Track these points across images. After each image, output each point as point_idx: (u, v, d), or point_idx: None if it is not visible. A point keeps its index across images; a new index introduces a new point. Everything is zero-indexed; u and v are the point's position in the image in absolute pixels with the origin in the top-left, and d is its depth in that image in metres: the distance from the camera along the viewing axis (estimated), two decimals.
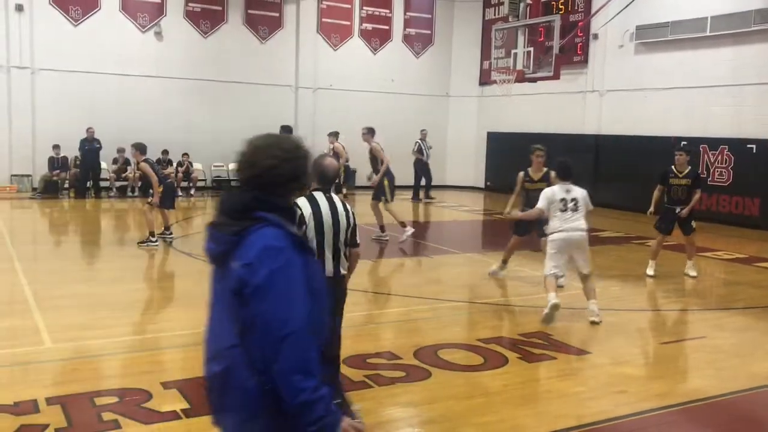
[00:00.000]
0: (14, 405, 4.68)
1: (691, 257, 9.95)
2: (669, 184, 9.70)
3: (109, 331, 6.54)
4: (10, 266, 9.38)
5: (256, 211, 2.26)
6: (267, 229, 2.23)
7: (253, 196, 2.29)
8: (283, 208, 2.32)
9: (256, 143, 2.40)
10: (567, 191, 7.43)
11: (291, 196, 2.40)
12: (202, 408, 4.74)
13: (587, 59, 19.50)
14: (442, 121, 23.64)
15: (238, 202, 2.31)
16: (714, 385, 5.58)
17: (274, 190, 2.31)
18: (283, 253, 2.20)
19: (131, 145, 11.70)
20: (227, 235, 2.28)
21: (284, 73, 21.06)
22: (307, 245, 2.35)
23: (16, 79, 17.79)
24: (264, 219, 2.25)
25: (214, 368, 2.32)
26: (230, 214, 2.31)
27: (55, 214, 15.89)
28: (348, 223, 4.38)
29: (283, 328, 2.12)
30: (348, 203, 4.55)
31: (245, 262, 2.19)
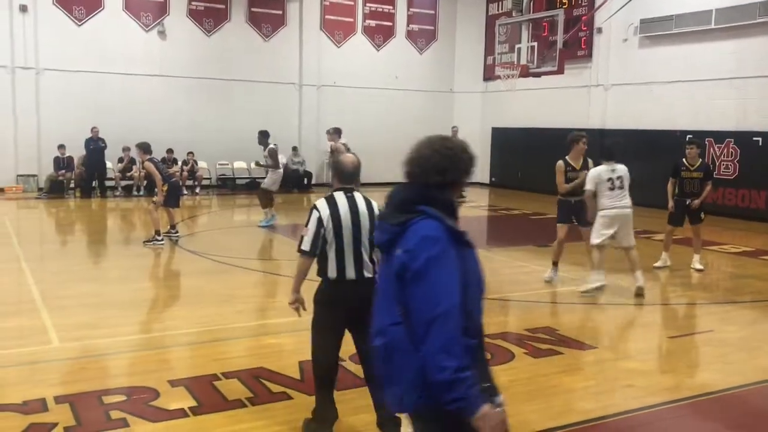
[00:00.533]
0: (23, 404, 4.71)
1: (698, 250, 9.95)
2: (681, 177, 9.74)
3: (115, 330, 6.57)
4: (18, 266, 9.41)
5: (419, 205, 2.51)
6: (426, 221, 2.48)
7: (416, 191, 2.56)
8: (443, 202, 2.55)
9: (421, 142, 2.65)
10: (612, 170, 8.07)
11: (451, 192, 2.59)
12: (210, 405, 4.77)
13: (591, 53, 19.43)
14: (446, 117, 23.58)
15: (403, 196, 2.59)
16: (722, 379, 5.57)
17: (435, 186, 2.54)
18: (440, 243, 2.43)
19: (136, 145, 11.72)
20: (392, 225, 2.54)
21: (288, 70, 21.06)
22: (464, 238, 2.53)
23: (21, 79, 17.85)
24: (424, 212, 2.49)
25: (377, 342, 2.58)
26: (396, 206, 2.58)
27: (61, 214, 15.94)
28: (372, 224, 4.13)
29: (432, 310, 2.34)
30: (375, 203, 4.22)
31: (406, 248, 2.45)
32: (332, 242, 4.08)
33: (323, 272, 4.15)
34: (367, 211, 4.17)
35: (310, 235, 4.10)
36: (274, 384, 5.19)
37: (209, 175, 20.05)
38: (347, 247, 4.09)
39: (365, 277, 4.15)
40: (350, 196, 4.19)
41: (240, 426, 4.47)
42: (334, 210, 4.11)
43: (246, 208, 17.78)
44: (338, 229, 4.08)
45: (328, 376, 4.30)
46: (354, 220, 4.12)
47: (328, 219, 4.09)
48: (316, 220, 4.09)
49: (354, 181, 4.27)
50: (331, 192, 4.25)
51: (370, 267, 4.17)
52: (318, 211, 4.12)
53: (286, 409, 4.77)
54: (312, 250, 4.11)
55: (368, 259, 4.17)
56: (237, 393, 4.99)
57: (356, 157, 4.34)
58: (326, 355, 4.25)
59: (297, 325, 7.09)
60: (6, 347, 6.03)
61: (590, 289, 8.10)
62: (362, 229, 4.12)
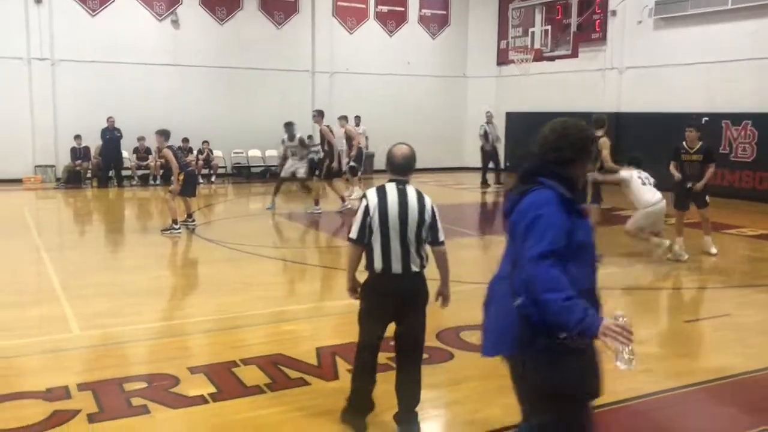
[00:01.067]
0: (47, 391, 4.79)
1: (708, 233, 9.85)
2: (681, 160, 9.64)
3: (135, 318, 6.65)
4: (37, 256, 9.54)
5: (539, 177, 2.86)
6: (541, 190, 2.82)
7: (537, 165, 2.91)
8: (562, 176, 2.86)
9: (549, 124, 2.98)
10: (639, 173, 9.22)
11: (573, 169, 2.90)
12: (229, 392, 4.83)
13: (606, 36, 19.22)
14: (459, 102, 23.51)
15: (524, 169, 2.97)
16: (740, 363, 5.55)
17: (553, 162, 2.87)
18: (547, 206, 2.75)
19: (155, 132, 11.79)
20: (515, 195, 2.91)
21: (301, 58, 21.05)
22: (576, 207, 2.85)
23: (37, 71, 17.98)
24: (542, 183, 2.84)
25: (490, 292, 3.06)
26: (520, 178, 2.96)
27: (79, 204, 16.10)
28: (421, 219, 4.04)
29: (533, 254, 2.65)
30: (428, 199, 4.16)
31: (519, 210, 2.83)
32: (377, 233, 4.02)
33: (370, 264, 4.11)
34: (417, 206, 4.06)
35: (357, 223, 4.07)
36: (292, 370, 5.24)
37: (224, 163, 20.13)
38: (393, 239, 4.01)
39: (412, 272, 4.07)
40: (401, 188, 4.09)
41: (259, 412, 4.53)
42: (382, 201, 4.04)
43: (261, 196, 17.84)
44: (384, 219, 4.01)
45: (370, 365, 4.25)
46: (401, 214, 4.02)
47: (375, 209, 4.03)
48: (364, 208, 4.07)
49: (406, 173, 4.17)
50: (388, 182, 4.18)
51: (417, 261, 4.08)
52: (367, 199, 4.09)
53: (305, 395, 4.82)
54: (359, 237, 4.06)
55: (416, 253, 4.07)
56: (255, 379, 5.05)
57: (409, 147, 4.21)
58: (370, 345, 4.22)
59: (313, 312, 7.18)
60: (28, 336, 6.13)
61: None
62: (409, 222, 4.03)
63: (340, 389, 4.75)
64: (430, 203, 4.15)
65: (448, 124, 22.84)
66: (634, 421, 4.60)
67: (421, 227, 4.07)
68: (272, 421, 4.40)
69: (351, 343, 5.72)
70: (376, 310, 4.15)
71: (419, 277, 4.12)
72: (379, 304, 4.13)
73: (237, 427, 4.31)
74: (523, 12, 17.70)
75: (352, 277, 4.30)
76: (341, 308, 7.19)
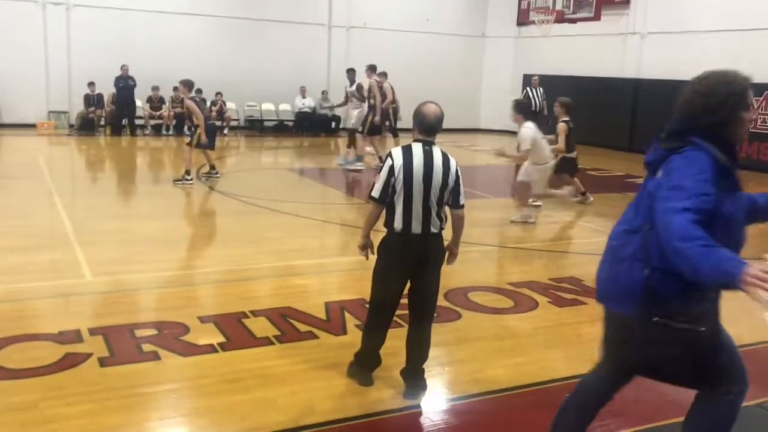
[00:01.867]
0: (59, 334, 4.86)
1: None
2: None
3: (146, 266, 6.71)
4: (50, 201, 9.60)
5: (690, 136, 2.63)
6: (691, 151, 2.59)
7: (687, 123, 2.68)
8: (716, 137, 2.62)
9: (689, 84, 2.75)
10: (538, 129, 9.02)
11: (731, 129, 2.65)
12: (238, 342, 4.89)
13: (629, 0, 18.82)
14: (477, 63, 23.22)
15: (676, 125, 2.72)
16: (748, 334, 5.54)
17: (707, 121, 2.63)
18: (698, 166, 2.54)
19: (180, 82, 11.79)
20: (663, 149, 2.71)
21: (318, 11, 20.76)
22: (731, 173, 2.64)
23: (51, 15, 17.84)
24: (693, 143, 2.61)
25: (612, 242, 2.86)
26: (670, 133, 2.72)
27: (92, 151, 16.13)
28: (445, 182, 4.00)
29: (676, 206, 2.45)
30: (453, 161, 4.10)
31: (667, 169, 2.62)
32: (400, 193, 3.98)
33: (390, 223, 4.07)
34: (442, 168, 4.01)
35: (381, 182, 4.02)
36: (301, 323, 5.29)
37: (237, 116, 20.05)
38: (416, 200, 3.98)
39: (431, 232, 4.06)
40: (428, 150, 4.03)
41: (268, 362, 4.59)
42: (407, 161, 3.98)
43: (273, 150, 17.83)
44: (408, 181, 3.96)
45: (385, 322, 4.27)
46: (426, 175, 3.97)
47: (400, 169, 3.97)
48: (388, 168, 4.00)
49: (434, 133, 4.10)
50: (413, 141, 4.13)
51: (437, 223, 4.07)
52: (392, 159, 4.01)
53: (313, 348, 4.87)
54: (381, 197, 4.03)
55: (436, 215, 4.05)
56: (265, 331, 5.10)
57: (438, 106, 4.15)
58: (385, 303, 4.21)
59: (323, 267, 7.23)
60: (41, 279, 6.20)
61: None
62: (433, 185, 3.99)
63: (348, 344, 4.80)
64: (455, 166, 4.09)
65: (464, 85, 22.59)
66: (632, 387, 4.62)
67: (444, 191, 4.03)
68: (280, 371, 4.46)
69: (359, 299, 5.80)
70: (394, 269, 4.13)
71: (438, 237, 4.12)
72: (396, 263, 4.10)
73: (246, 376, 4.37)
74: None
75: (367, 235, 4.29)
76: (351, 264, 7.23)
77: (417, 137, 4.12)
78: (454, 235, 4.30)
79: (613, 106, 18.85)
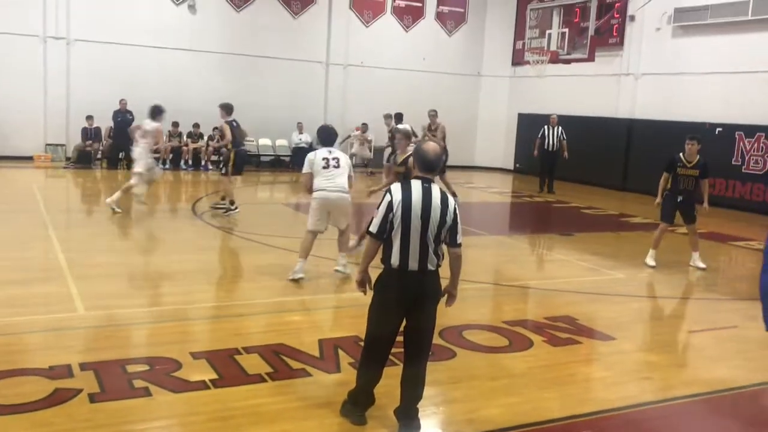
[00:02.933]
0: (49, 369, 4.81)
1: (696, 248, 9.52)
2: (676, 173, 9.28)
3: (139, 301, 6.68)
4: (45, 233, 9.58)
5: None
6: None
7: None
8: None
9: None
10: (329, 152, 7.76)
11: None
12: (230, 379, 4.84)
13: (623, 42, 19.12)
14: (472, 101, 23.46)
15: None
16: (742, 376, 5.53)
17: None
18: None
19: (219, 106, 12.26)
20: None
21: (316, 49, 21.01)
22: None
23: (52, 49, 18.01)
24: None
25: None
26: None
27: (88, 184, 16.14)
28: (443, 219, 4.03)
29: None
30: (451, 200, 4.13)
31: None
32: (398, 229, 4.01)
33: (387, 259, 4.09)
34: (441, 205, 4.04)
35: (379, 217, 4.05)
36: (294, 360, 5.25)
37: None
38: (413, 237, 4.00)
39: (428, 269, 4.06)
40: (427, 187, 4.06)
41: (260, 400, 4.54)
42: (406, 197, 4.01)
43: (270, 185, 17.88)
44: (406, 217, 3.99)
45: (379, 360, 4.23)
46: (424, 212, 4.00)
47: (399, 205, 4.00)
48: (387, 203, 4.03)
49: (434, 171, 4.14)
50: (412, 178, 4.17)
51: (434, 261, 4.07)
52: (391, 194, 4.05)
53: (306, 386, 4.82)
54: (379, 232, 4.05)
55: (433, 252, 4.06)
56: (257, 368, 5.06)
57: (438, 144, 4.19)
58: (380, 340, 4.18)
59: (316, 303, 7.19)
60: (33, 313, 6.16)
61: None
62: (431, 222, 4.01)
63: (342, 382, 4.77)
64: (453, 205, 4.12)
65: (460, 123, 22.75)
66: (627, 430, 4.58)
67: (441, 228, 4.06)
68: (272, 410, 4.41)
69: (354, 336, 5.76)
70: (389, 306, 4.12)
71: (435, 275, 4.13)
72: (392, 299, 4.10)
73: (237, 414, 4.33)
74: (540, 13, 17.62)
75: (365, 270, 4.29)
76: (345, 301, 7.22)
77: (416, 174, 4.16)
78: (452, 275, 4.29)
79: (607, 145, 19.02)
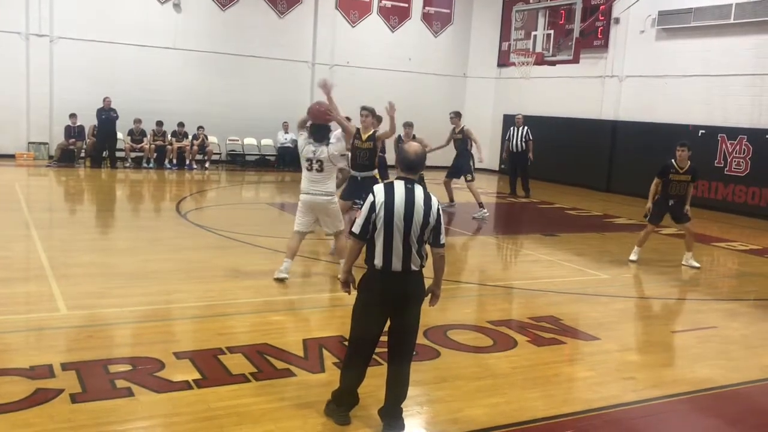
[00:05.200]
0: (30, 369, 4.77)
1: (691, 248, 9.78)
2: (669, 179, 9.52)
3: (122, 301, 6.62)
4: (27, 233, 9.48)
5: None
6: None
7: None
8: None
9: None
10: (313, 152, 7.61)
11: None
12: (214, 379, 4.81)
13: (608, 44, 19.27)
14: (458, 102, 23.44)
15: None
16: (723, 375, 5.59)
17: None
18: None
19: None
20: None
21: (301, 48, 20.98)
22: None
23: (35, 46, 17.83)
24: None
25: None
26: None
27: (71, 183, 16.00)
28: (426, 220, 4.05)
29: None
30: (434, 200, 4.14)
31: None
32: (381, 230, 4.03)
33: (370, 260, 4.11)
34: (423, 206, 4.05)
35: (362, 218, 4.08)
36: (278, 360, 5.23)
37: (219, 150, 20.05)
38: (396, 237, 4.01)
39: (412, 270, 4.08)
40: (410, 188, 4.08)
41: (244, 400, 4.52)
42: (389, 198, 4.03)
43: (254, 184, 17.82)
44: (389, 218, 4.01)
45: (363, 360, 4.25)
46: (407, 213, 4.02)
47: (381, 206, 4.02)
48: (370, 204, 4.07)
49: (416, 171, 4.16)
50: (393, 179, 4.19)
51: (417, 261, 4.09)
52: (374, 195, 4.07)
53: (290, 386, 4.81)
54: (362, 233, 4.08)
55: (416, 252, 4.07)
56: (241, 368, 5.04)
57: (420, 145, 4.24)
58: (365, 341, 4.21)
59: (301, 303, 7.18)
60: (14, 313, 6.10)
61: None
62: (414, 222, 4.02)
63: (326, 382, 4.76)
64: (437, 205, 4.13)
65: (445, 123, 22.73)
66: (609, 430, 4.61)
67: (424, 228, 4.08)
68: (256, 410, 4.39)
69: (338, 336, 5.76)
70: (373, 306, 4.13)
71: (417, 275, 4.15)
72: (376, 300, 4.11)
73: (220, 414, 4.30)
74: (526, 15, 17.65)
75: (348, 270, 4.30)
76: (329, 301, 7.21)
77: (399, 175, 4.18)
78: (436, 275, 4.30)
79: (591, 146, 19.15)
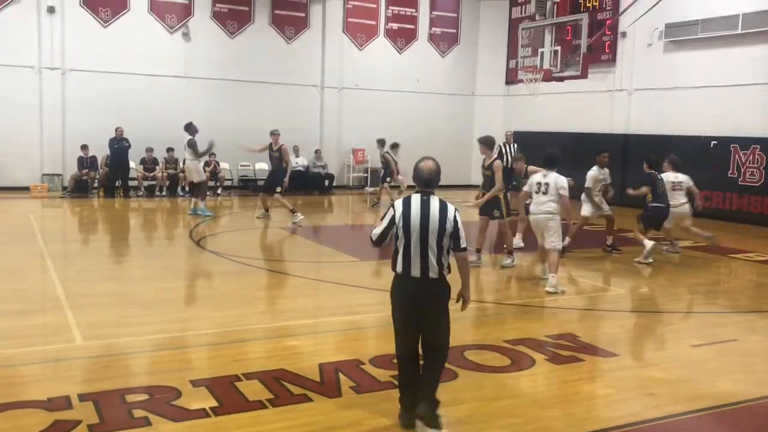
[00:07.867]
0: (48, 401, 4.77)
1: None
2: None
3: (138, 329, 6.63)
4: (42, 264, 9.54)
5: None
6: None
7: None
8: None
9: None
10: (544, 176, 8.78)
11: None
12: (231, 406, 4.80)
13: (615, 58, 19.28)
14: (467, 121, 23.56)
15: None
16: (745, 389, 5.50)
17: None
18: None
19: (270, 132, 14.32)
20: None
21: (310, 73, 21.15)
22: None
23: (47, 79, 18.10)
24: None
25: None
26: None
27: (85, 213, 16.13)
28: (442, 227, 4.36)
29: None
30: (451, 208, 4.45)
31: None
32: (401, 240, 4.37)
33: (393, 267, 4.45)
34: (439, 215, 4.37)
35: (380, 228, 4.48)
36: (295, 386, 5.21)
37: (231, 176, 20.17)
38: (414, 246, 4.34)
39: (429, 277, 4.34)
40: (425, 199, 4.43)
41: (261, 427, 4.50)
42: (406, 211, 4.39)
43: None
44: (407, 228, 4.35)
45: (405, 365, 4.52)
46: (423, 223, 4.34)
47: (400, 218, 4.38)
48: (390, 217, 4.44)
49: (432, 186, 4.48)
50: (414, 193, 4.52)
51: (436, 269, 4.36)
52: (394, 209, 4.45)
53: (307, 411, 4.78)
54: (378, 241, 4.50)
55: (436, 260, 4.35)
56: (258, 394, 5.01)
57: (434, 161, 4.52)
58: (402, 345, 4.52)
59: (317, 327, 7.15)
60: (31, 344, 6.12)
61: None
62: (430, 230, 4.34)
63: (343, 406, 4.73)
64: (453, 212, 4.43)
65: (455, 142, 22.87)
66: None
67: (442, 235, 4.36)
68: None
69: (354, 359, 5.73)
70: (398, 312, 4.50)
71: (436, 282, 4.38)
72: (400, 304, 4.47)
73: None
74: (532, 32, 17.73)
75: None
76: (344, 324, 7.18)
77: (417, 189, 4.50)
78: (463, 279, 4.58)
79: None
